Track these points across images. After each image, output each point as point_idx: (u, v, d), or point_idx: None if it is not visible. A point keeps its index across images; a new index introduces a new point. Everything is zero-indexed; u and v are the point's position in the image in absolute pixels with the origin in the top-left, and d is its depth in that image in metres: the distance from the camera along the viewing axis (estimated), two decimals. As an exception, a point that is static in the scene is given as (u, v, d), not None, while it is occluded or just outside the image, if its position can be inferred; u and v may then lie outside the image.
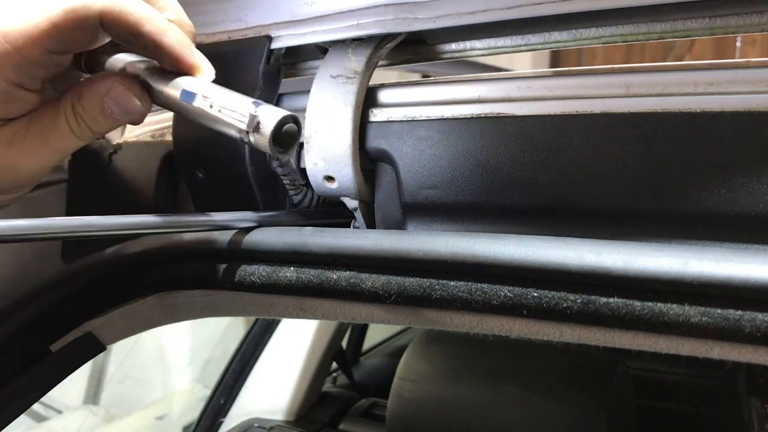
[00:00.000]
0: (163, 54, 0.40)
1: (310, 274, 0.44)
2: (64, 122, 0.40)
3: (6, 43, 0.35)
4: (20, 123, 0.40)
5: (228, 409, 1.31)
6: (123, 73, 0.42)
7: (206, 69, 0.41)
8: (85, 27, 0.37)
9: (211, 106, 0.39)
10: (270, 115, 0.38)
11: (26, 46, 0.36)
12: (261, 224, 0.48)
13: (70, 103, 0.40)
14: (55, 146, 0.41)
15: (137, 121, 0.43)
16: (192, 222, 0.46)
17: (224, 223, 0.47)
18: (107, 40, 0.41)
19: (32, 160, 0.40)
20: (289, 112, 0.39)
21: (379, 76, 0.50)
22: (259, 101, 0.39)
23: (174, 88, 0.40)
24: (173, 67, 0.40)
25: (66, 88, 0.41)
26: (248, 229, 0.47)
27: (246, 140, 0.39)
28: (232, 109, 0.39)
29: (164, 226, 0.43)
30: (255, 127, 0.38)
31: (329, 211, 0.56)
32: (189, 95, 0.40)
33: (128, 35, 0.39)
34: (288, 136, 0.39)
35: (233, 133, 0.39)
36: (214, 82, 0.41)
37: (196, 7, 0.52)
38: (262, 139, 0.38)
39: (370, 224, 0.51)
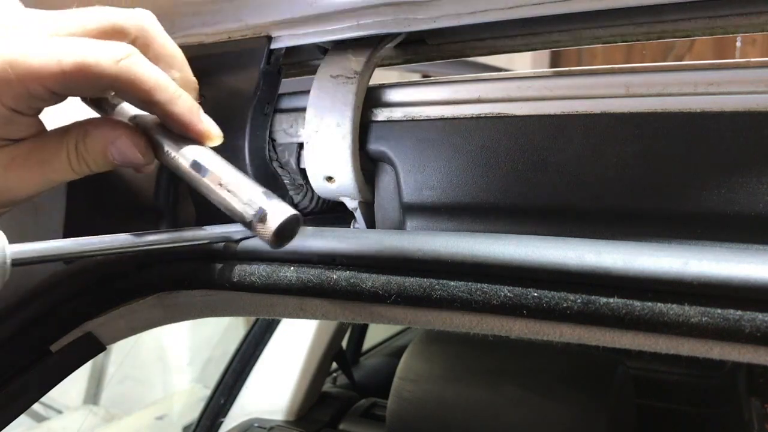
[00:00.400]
0: (172, 121, 0.40)
1: (310, 274, 0.44)
2: (65, 157, 0.40)
3: (11, 71, 0.35)
4: (21, 150, 0.40)
5: (228, 409, 1.31)
6: (132, 124, 0.42)
7: (215, 136, 0.41)
8: (94, 84, 0.37)
9: (220, 185, 0.39)
10: (278, 212, 0.38)
11: (30, 80, 0.36)
12: None
13: (74, 139, 0.40)
14: (52, 176, 0.41)
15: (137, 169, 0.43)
16: (193, 237, 0.46)
17: (225, 236, 0.47)
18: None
19: (27, 186, 0.41)
20: (295, 211, 0.39)
21: (379, 76, 0.50)
22: (269, 192, 0.39)
23: (183, 156, 0.41)
24: (182, 133, 0.41)
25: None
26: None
27: (247, 227, 0.39)
28: (240, 195, 0.39)
29: (168, 242, 0.44)
30: (261, 219, 0.38)
31: (329, 211, 0.56)
32: (199, 167, 0.40)
33: (138, 101, 0.39)
34: (289, 230, 0.39)
35: (236, 216, 0.39)
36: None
37: (196, 8, 0.52)
38: (265, 232, 0.38)
39: (370, 224, 0.51)
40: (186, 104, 0.40)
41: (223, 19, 0.52)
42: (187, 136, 0.41)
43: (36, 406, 1.71)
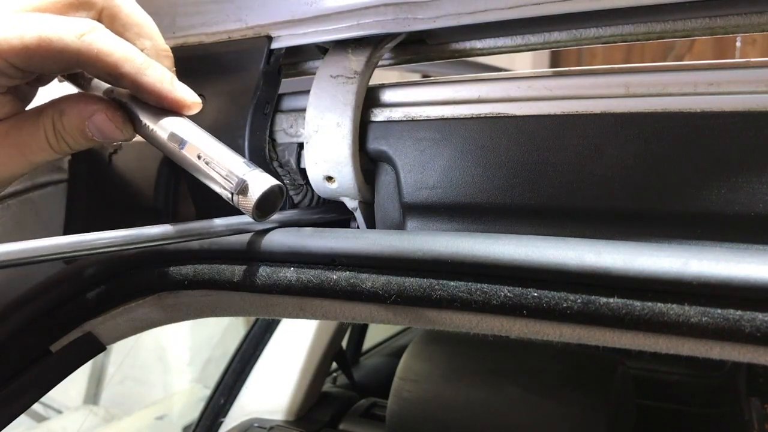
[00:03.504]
0: (144, 92, 0.39)
1: (310, 275, 0.44)
2: (42, 137, 0.40)
3: None
4: None
5: (228, 409, 1.31)
6: (108, 98, 0.41)
7: (191, 103, 0.40)
8: (57, 59, 0.37)
9: (199, 157, 0.38)
10: (259, 183, 0.37)
11: None
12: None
13: (50, 119, 0.40)
14: (31, 158, 0.41)
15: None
16: (197, 230, 0.45)
17: (228, 228, 0.47)
18: None
19: (6, 168, 0.40)
20: (276, 182, 0.38)
21: (379, 76, 0.50)
22: (250, 163, 0.38)
23: (161, 128, 0.39)
24: (157, 104, 0.40)
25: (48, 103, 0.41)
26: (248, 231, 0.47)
27: (229, 199, 0.38)
28: (220, 167, 0.38)
29: (174, 236, 0.43)
30: (241, 190, 0.37)
31: (329, 211, 0.56)
32: (177, 139, 0.39)
33: (106, 75, 0.39)
34: (271, 202, 0.38)
35: (216, 188, 0.38)
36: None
37: (196, 7, 0.52)
38: (246, 203, 0.37)
39: (370, 224, 0.51)
40: (156, 74, 0.39)
41: (223, 19, 0.52)
42: (162, 106, 0.40)
43: (36, 406, 1.71)
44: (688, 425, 1.38)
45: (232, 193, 0.38)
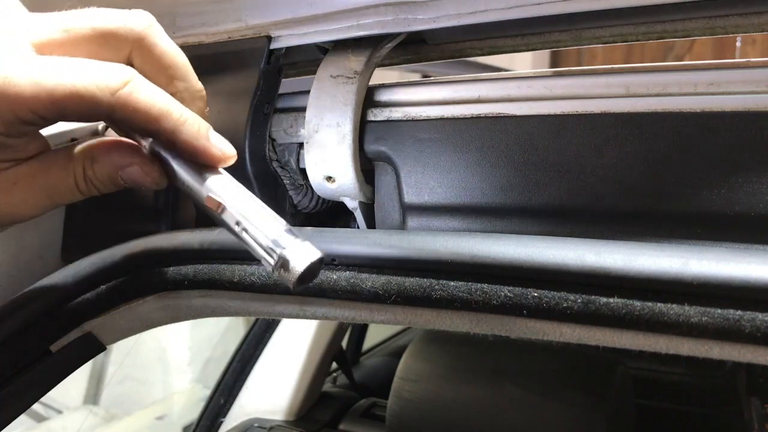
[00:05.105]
0: (180, 149, 0.37)
1: (310, 274, 0.44)
2: (72, 182, 0.38)
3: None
4: (25, 172, 0.38)
5: (228, 409, 1.31)
6: (145, 147, 0.39)
7: (228, 157, 0.38)
8: (88, 114, 0.34)
9: (237, 224, 0.36)
10: (300, 257, 0.35)
11: (18, 105, 0.33)
12: None
13: (81, 166, 0.38)
14: (56, 200, 0.39)
15: None
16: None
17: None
18: None
19: (31, 209, 0.39)
20: (319, 253, 0.36)
21: (379, 76, 0.50)
22: (290, 230, 0.36)
23: (200, 187, 0.37)
24: (193, 159, 0.38)
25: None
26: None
27: (269, 269, 0.36)
28: (260, 238, 0.36)
29: None
30: (282, 265, 0.35)
31: (329, 211, 0.56)
32: (214, 203, 0.37)
33: (141, 130, 0.37)
34: (311, 273, 0.36)
35: (256, 257, 0.36)
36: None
37: (196, 7, 0.52)
38: (288, 277, 0.35)
39: (370, 224, 0.51)
40: (192, 130, 0.37)
41: (223, 19, 0.52)
42: (199, 162, 0.38)
43: (36, 406, 1.71)
44: (688, 425, 1.38)
45: (273, 268, 0.36)
